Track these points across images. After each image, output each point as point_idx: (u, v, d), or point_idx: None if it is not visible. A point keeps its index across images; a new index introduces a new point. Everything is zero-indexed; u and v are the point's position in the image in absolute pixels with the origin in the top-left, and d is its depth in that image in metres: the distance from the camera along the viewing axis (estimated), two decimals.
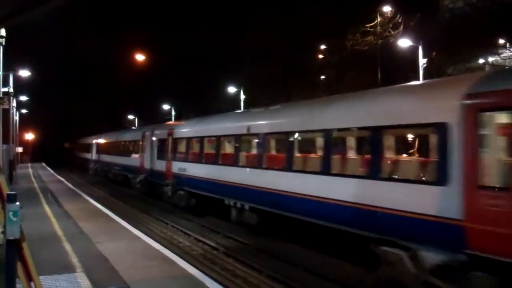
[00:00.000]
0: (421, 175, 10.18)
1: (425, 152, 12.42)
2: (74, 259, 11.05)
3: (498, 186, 8.04)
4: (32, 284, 6.88)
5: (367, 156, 11.51)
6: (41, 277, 7.59)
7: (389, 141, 11.27)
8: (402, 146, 17.43)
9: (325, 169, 12.27)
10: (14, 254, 6.59)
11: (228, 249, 15.47)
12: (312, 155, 14.88)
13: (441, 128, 8.93)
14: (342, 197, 11.48)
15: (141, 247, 12.58)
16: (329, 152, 12.43)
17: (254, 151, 17.96)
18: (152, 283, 9.21)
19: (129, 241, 13.39)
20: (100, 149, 48.09)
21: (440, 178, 8.88)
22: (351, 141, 13.63)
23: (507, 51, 33.96)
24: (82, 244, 12.84)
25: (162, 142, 26.00)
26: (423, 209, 9.12)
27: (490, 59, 34.98)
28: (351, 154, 13.47)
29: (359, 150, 13.35)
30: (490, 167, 8.25)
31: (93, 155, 52.24)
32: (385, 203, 10.05)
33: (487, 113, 8.31)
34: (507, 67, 28.99)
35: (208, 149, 20.47)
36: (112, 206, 24.55)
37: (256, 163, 16.18)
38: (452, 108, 8.76)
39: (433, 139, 9.88)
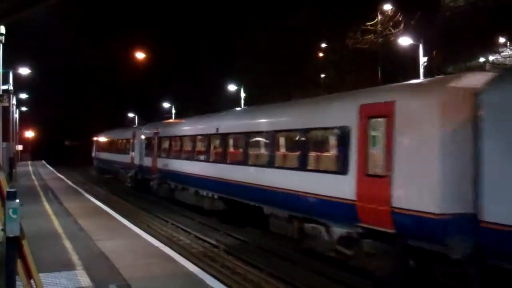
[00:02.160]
0: None
1: None
2: (74, 257, 11.04)
3: None
4: (32, 281, 6.88)
5: None
6: (41, 275, 7.59)
7: None
8: None
9: None
10: (14, 252, 6.59)
11: (228, 246, 15.47)
12: None
13: None
14: None
15: (141, 245, 12.58)
16: None
17: None
18: (152, 281, 9.20)
19: (129, 239, 13.38)
20: (165, 149, 25.96)
21: None
22: None
23: (508, 49, 33.94)
24: (82, 241, 12.83)
25: None
26: None
27: (491, 57, 35.00)
28: None
29: None
30: None
31: (135, 158, 31.67)
32: None
33: None
34: (507, 66, 29.01)
35: None
36: (112, 204, 24.52)
37: None
38: None
39: None
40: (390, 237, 10.07)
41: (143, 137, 29.93)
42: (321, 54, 48.26)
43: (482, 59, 35.87)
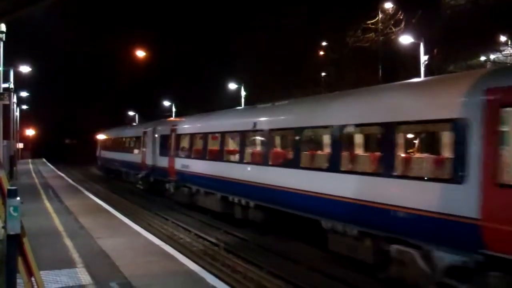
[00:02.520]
0: None
1: None
2: (75, 255, 11.04)
3: None
4: (32, 279, 6.88)
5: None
6: (41, 272, 7.59)
7: None
8: None
9: None
10: (15, 249, 6.59)
11: (228, 245, 15.47)
12: None
13: None
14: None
15: (141, 243, 12.57)
16: None
17: None
18: (153, 279, 9.19)
19: (130, 237, 13.38)
20: (185, 148, 22.97)
21: None
22: None
23: (509, 48, 33.89)
24: (83, 239, 12.83)
25: None
26: None
27: (492, 56, 34.96)
28: None
29: None
30: None
31: (147, 158, 28.23)
32: None
33: None
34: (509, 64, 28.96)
35: None
36: (112, 202, 24.53)
37: None
38: None
39: None
40: None
41: (157, 134, 26.86)
42: (321, 53, 48.23)
43: (483, 58, 35.83)
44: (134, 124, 42.65)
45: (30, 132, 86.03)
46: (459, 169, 8.46)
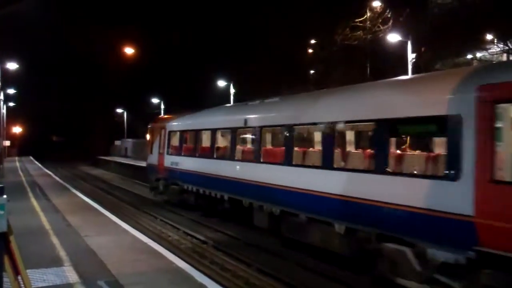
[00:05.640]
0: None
1: None
2: (62, 253, 10.98)
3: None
4: (19, 278, 6.83)
5: None
6: (28, 271, 7.53)
7: None
8: None
9: None
10: (1, 248, 6.53)
11: (217, 242, 15.48)
12: None
13: None
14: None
15: (129, 241, 12.53)
16: None
17: None
18: (141, 277, 9.17)
19: (118, 235, 13.32)
20: None
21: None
22: None
23: (495, 46, 34.19)
24: (70, 238, 12.75)
25: None
26: None
27: (478, 54, 35.23)
28: None
29: None
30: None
31: None
32: None
33: None
34: (495, 62, 29.21)
35: None
36: (100, 200, 24.41)
37: None
38: None
39: None
40: None
41: None
42: (310, 50, 48.34)
43: (469, 56, 36.11)
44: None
45: (17, 129, 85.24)
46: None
